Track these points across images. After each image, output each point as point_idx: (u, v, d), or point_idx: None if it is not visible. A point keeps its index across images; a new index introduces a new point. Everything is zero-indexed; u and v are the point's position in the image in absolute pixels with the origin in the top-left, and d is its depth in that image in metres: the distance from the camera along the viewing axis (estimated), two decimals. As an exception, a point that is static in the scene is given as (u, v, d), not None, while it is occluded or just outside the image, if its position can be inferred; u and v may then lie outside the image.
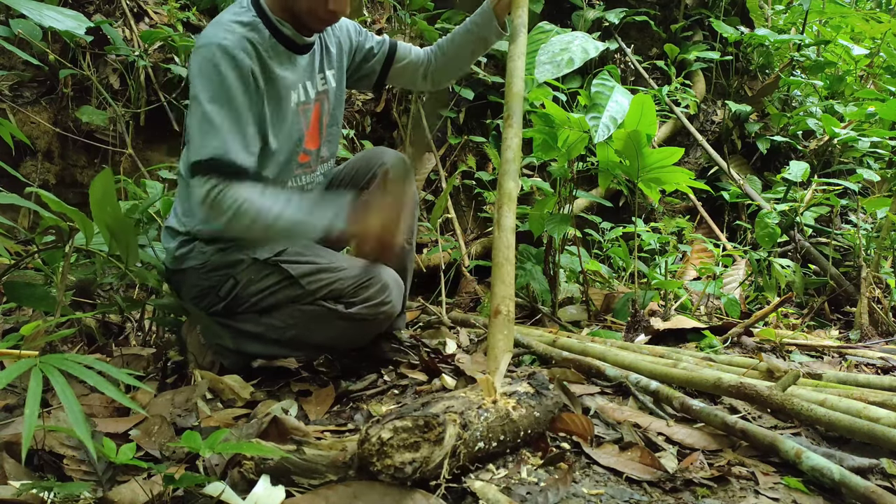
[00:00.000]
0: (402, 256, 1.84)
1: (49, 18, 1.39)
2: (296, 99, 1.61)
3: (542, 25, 2.60)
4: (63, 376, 0.86)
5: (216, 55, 1.44)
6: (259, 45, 1.50)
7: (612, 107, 2.32)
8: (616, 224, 3.33)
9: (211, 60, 1.44)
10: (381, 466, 0.97)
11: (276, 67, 1.54)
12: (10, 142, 1.67)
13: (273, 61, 1.53)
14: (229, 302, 1.61)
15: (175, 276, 1.65)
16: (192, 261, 1.60)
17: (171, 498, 0.96)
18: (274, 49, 1.54)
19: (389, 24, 4.23)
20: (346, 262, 1.61)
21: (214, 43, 1.45)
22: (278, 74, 1.54)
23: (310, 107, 1.66)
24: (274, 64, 1.54)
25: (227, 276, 1.59)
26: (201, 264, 1.59)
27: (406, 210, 1.74)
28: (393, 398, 1.52)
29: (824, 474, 1.10)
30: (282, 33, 1.55)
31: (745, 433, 1.26)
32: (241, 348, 1.63)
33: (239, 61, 1.45)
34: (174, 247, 1.63)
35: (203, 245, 1.59)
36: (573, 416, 1.28)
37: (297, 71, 1.61)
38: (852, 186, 3.26)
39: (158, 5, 3.87)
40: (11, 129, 1.52)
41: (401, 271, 1.87)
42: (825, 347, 2.28)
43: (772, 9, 5.19)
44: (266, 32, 1.53)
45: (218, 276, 1.59)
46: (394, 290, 1.60)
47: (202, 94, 1.44)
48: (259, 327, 1.61)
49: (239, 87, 1.45)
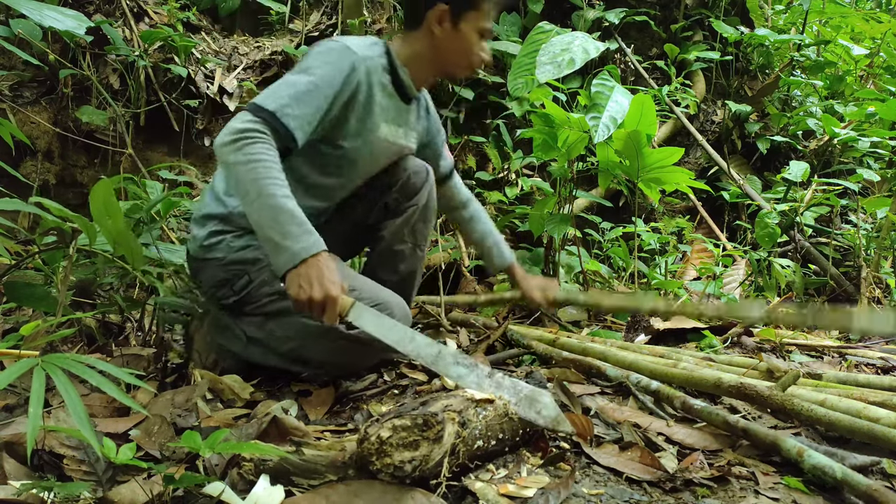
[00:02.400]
0: (413, 260, 1.89)
1: (49, 18, 1.39)
2: (385, 132, 1.69)
3: (542, 25, 2.60)
4: (66, 375, 0.86)
5: (340, 50, 1.53)
6: (377, 74, 1.60)
7: (612, 107, 2.32)
8: (616, 224, 3.34)
9: (332, 50, 1.53)
10: (381, 465, 0.97)
11: (380, 97, 1.63)
12: (10, 142, 1.67)
13: (381, 92, 1.62)
14: (241, 298, 1.61)
15: (197, 264, 1.65)
16: (218, 252, 1.61)
17: (171, 498, 0.97)
18: (386, 82, 1.64)
19: (389, 24, 4.23)
20: (359, 283, 1.60)
21: (345, 43, 1.55)
22: (378, 102, 1.62)
23: (392, 149, 1.75)
24: (381, 94, 1.63)
25: (244, 272, 1.60)
26: (224, 256, 1.60)
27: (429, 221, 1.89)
28: (393, 398, 1.52)
29: (826, 473, 1.10)
30: (399, 77, 1.67)
31: (747, 432, 1.26)
32: (244, 353, 1.62)
33: (354, 66, 1.53)
34: (203, 235, 1.63)
35: (232, 240, 1.60)
36: (573, 415, 1.28)
37: (397, 113, 1.71)
38: (852, 186, 3.26)
39: (158, 5, 3.87)
40: (11, 129, 1.52)
41: (410, 274, 1.90)
42: (825, 347, 2.28)
43: (772, 9, 5.20)
44: (387, 68, 1.64)
45: (235, 270, 1.60)
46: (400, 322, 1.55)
47: (302, 65, 1.53)
48: (261, 333, 1.60)
49: (336, 80, 1.51)
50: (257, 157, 1.38)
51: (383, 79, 1.63)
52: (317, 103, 1.49)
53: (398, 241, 1.86)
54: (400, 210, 1.85)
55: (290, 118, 1.45)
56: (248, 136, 1.40)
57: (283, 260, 1.36)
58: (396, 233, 1.85)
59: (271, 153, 1.41)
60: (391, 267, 1.87)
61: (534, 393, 1.22)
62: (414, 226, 1.86)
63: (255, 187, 1.37)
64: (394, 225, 1.85)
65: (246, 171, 1.38)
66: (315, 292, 1.34)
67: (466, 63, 1.69)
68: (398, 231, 1.85)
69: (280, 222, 1.36)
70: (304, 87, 1.48)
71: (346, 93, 1.53)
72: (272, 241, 1.37)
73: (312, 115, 1.49)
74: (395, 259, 1.86)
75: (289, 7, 4.46)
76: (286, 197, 1.38)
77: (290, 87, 1.47)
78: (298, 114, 1.46)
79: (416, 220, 1.86)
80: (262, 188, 1.37)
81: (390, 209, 1.85)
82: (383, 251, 1.87)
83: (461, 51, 1.66)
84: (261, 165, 1.38)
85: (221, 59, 3.99)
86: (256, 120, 1.42)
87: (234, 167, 1.40)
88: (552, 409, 1.21)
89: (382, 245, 1.87)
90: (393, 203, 1.84)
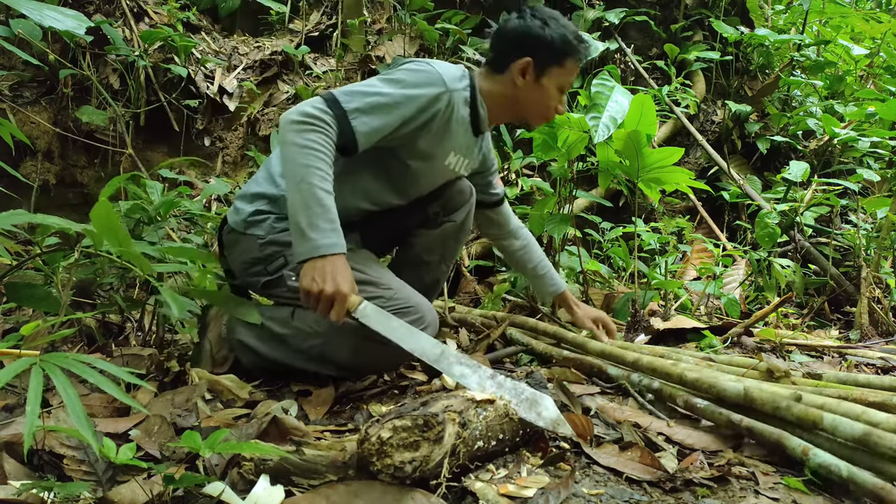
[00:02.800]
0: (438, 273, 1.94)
1: (49, 18, 1.39)
2: (450, 160, 1.72)
3: (542, 25, 2.59)
4: (65, 375, 0.86)
5: (433, 76, 1.55)
6: (458, 106, 1.62)
7: (612, 107, 2.32)
8: (616, 224, 3.33)
9: (426, 73, 1.56)
10: (381, 466, 0.97)
11: (457, 129, 1.65)
12: (10, 142, 1.67)
13: (458, 124, 1.65)
14: (273, 279, 1.62)
15: (235, 236, 1.66)
16: (259, 230, 1.62)
17: (171, 498, 0.97)
18: (465, 114, 1.67)
19: (389, 24, 4.23)
20: (396, 284, 1.60)
21: (437, 69, 1.57)
22: (452, 132, 1.64)
23: (449, 175, 1.79)
24: (457, 126, 1.65)
25: (281, 253, 1.60)
26: (264, 235, 1.61)
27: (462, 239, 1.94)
28: (393, 398, 1.52)
29: (832, 471, 1.10)
30: (478, 112, 1.70)
31: (752, 431, 1.26)
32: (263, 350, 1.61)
33: (439, 96, 1.55)
34: (249, 211, 1.64)
35: (276, 221, 1.61)
36: (573, 415, 1.28)
37: (465, 144, 1.73)
38: (852, 186, 3.26)
39: (158, 5, 3.87)
40: (11, 129, 1.52)
41: (433, 284, 1.95)
42: (825, 347, 2.28)
43: (772, 9, 5.20)
44: (469, 101, 1.67)
45: (272, 251, 1.61)
46: (430, 328, 1.58)
47: (393, 75, 1.55)
48: (286, 329, 1.58)
49: (416, 104, 1.53)
50: (314, 144, 1.41)
51: (462, 111, 1.65)
52: (390, 119, 1.51)
53: (428, 253, 1.90)
54: (438, 223, 1.88)
55: (359, 123, 1.47)
56: (313, 123, 1.43)
57: (304, 248, 1.38)
58: (429, 244, 1.89)
59: (329, 147, 1.44)
60: (417, 275, 1.88)
61: (535, 395, 1.23)
62: (446, 241, 1.90)
63: (301, 172, 1.40)
64: (428, 236, 1.88)
65: (298, 154, 1.41)
66: (327, 286, 1.36)
67: (542, 115, 1.74)
68: (431, 243, 1.89)
69: (313, 212, 1.38)
70: (385, 100, 1.50)
71: (422, 118, 1.55)
72: (299, 227, 1.39)
73: (381, 128, 1.51)
74: (421, 268, 1.90)
75: (289, 7, 4.46)
76: (326, 191, 1.41)
77: (372, 93, 1.50)
78: (368, 121, 1.48)
79: (450, 235, 1.90)
80: (307, 175, 1.39)
81: (429, 219, 1.88)
82: (412, 258, 1.90)
83: (540, 103, 1.71)
84: (314, 154, 1.41)
85: (221, 59, 3.99)
86: (328, 112, 1.45)
87: (289, 146, 1.42)
88: (552, 411, 1.22)
89: (412, 252, 1.90)
90: (433, 214, 1.87)
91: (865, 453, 1.15)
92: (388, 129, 1.52)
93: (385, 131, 1.52)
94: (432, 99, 1.54)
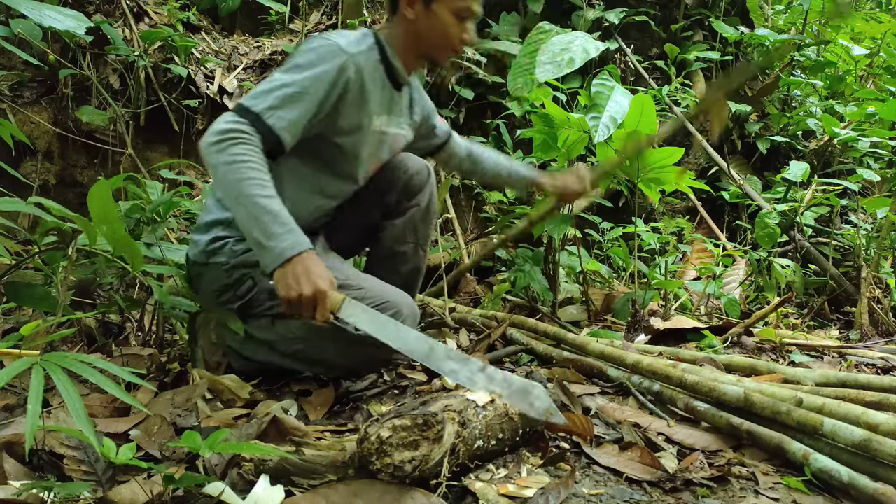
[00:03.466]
0: (416, 260, 1.88)
1: (49, 18, 1.39)
2: (378, 123, 1.67)
3: (542, 25, 2.60)
4: (65, 374, 0.86)
5: (331, 50, 1.50)
6: (369, 69, 1.57)
7: (612, 107, 2.32)
8: (616, 224, 3.33)
9: (324, 49, 1.51)
10: (381, 465, 0.97)
11: (373, 90, 1.60)
12: (10, 142, 1.67)
13: (374, 85, 1.60)
14: (245, 302, 1.60)
15: (198, 269, 1.64)
16: (220, 257, 1.60)
17: (171, 498, 0.96)
18: (379, 74, 1.62)
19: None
20: (367, 283, 1.59)
21: (336, 42, 1.52)
22: (370, 95, 1.60)
23: (387, 139, 1.73)
24: (373, 88, 1.60)
25: (248, 275, 1.59)
26: (227, 261, 1.59)
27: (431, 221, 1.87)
28: (393, 398, 1.52)
29: (832, 476, 1.10)
30: (391, 65, 1.64)
31: (752, 435, 1.26)
32: (252, 355, 1.62)
33: (344, 67, 1.51)
34: (206, 240, 1.62)
35: (235, 244, 1.59)
36: (573, 415, 1.28)
37: (389, 103, 1.69)
38: (852, 186, 3.25)
39: (158, 5, 3.87)
40: (11, 129, 1.52)
41: (413, 274, 1.90)
42: (825, 347, 2.28)
43: (772, 9, 5.19)
44: (378, 58, 1.61)
45: (239, 275, 1.59)
46: (408, 320, 1.57)
47: (292, 62, 1.50)
48: (271, 335, 1.59)
49: (324, 82, 1.48)
50: (239, 157, 1.37)
51: (376, 73, 1.60)
52: (304, 106, 1.47)
53: (400, 242, 1.85)
54: (401, 210, 1.84)
55: (275, 119, 1.44)
56: (231, 137, 1.39)
57: (269, 260, 1.36)
58: (398, 234, 1.84)
59: (256, 154, 1.40)
60: (394, 267, 1.87)
61: (526, 385, 1.21)
62: (416, 226, 1.86)
63: (238, 188, 1.36)
64: (395, 226, 1.84)
65: (228, 171, 1.37)
66: (304, 289, 1.33)
67: (445, 45, 1.63)
68: (400, 232, 1.85)
69: (263, 223, 1.35)
70: (292, 90, 1.46)
71: (335, 94, 1.51)
72: (257, 241, 1.36)
73: (299, 118, 1.47)
74: (397, 260, 1.86)
75: (289, 7, 4.46)
76: (269, 197, 1.37)
77: (277, 87, 1.46)
78: (284, 115, 1.44)
79: (417, 220, 1.85)
80: (244, 189, 1.36)
81: (391, 209, 1.84)
82: (385, 252, 1.86)
83: (438, 33, 1.61)
84: (243, 166, 1.37)
85: (221, 59, 3.99)
86: (242, 121, 1.41)
87: (217, 168, 1.39)
88: (544, 399, 1.20)
89: (384, 245, 1.86)
90: (394, 203, 1.83)
91: (866, 458, 1.15)
92: (306, 115, 1.48)
93: (304, 119, 1.48)
94: (338, 70, 1.49)
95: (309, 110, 1.48)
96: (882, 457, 1.11)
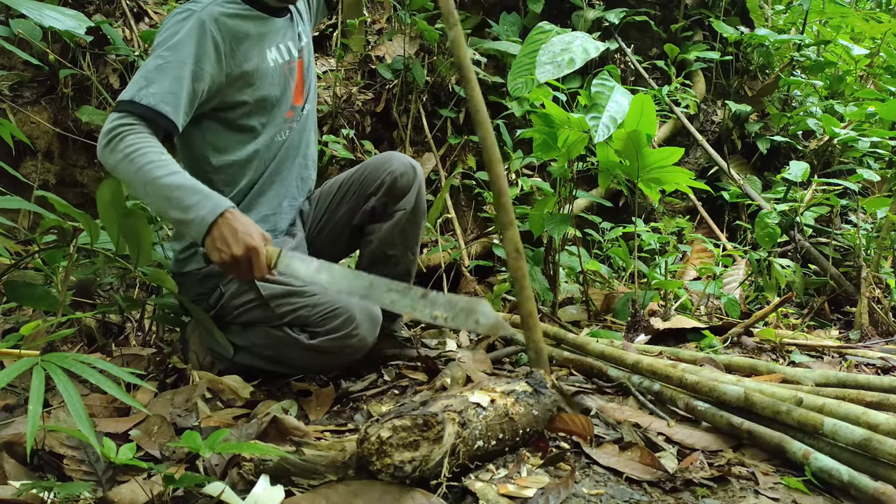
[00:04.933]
0: (406, 263, 1.83)
1: (49, 18, 1.39)
2: (274, 57, 1.63)
3: (542, 25, 2.59)
4: (66, 374, 0.87)
5: (179, 12, 1.49)
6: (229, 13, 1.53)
7: (612, 107, 2.32)
8: (616, 224, 3.33)
9: (173, 17, 1.50)
10: (381, 465, 0.97)
11: (251, 30, 1.57)
12: (10, 142, 1.68)
13: (243, 26, 1.56)
14: (217, 311, 1.63)
15: (178, 279, 1.66)
16: (192, 265, 1.62)
17: (171, 498, 0.97)
18: (249, 13, 1.57)
19: (389, 24, 4.23)
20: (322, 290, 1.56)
21: (184, 7, 1.51)
22: (252, 37, 1.57)
23: (294, 65, 1.70)
24: (244, 28, 1.56)
25: (216, 285, 1.61)
26: (198, 269, 1.61)
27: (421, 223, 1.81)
28: (393, 398, 1.52)
29: (833, 475, 1.10)
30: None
31: (752, 435, 1.26)
32: (234, 358, 1.64)
33: (200, 23, 1.47)
34: (179, 249, 1.64)
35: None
36: (573, 415, 1.28)
37: (274, 32, 1.64)
38: (852, 186, 3.25)
39: (158, 5, 3.87)
40: (11, 129, 1.52)
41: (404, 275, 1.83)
42: (825, 347, 2.28)
43: (772, 9, 5.19)
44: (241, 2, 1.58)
45: (210, 285, 1.62)
46: (363, 324, 1.55)
47: (159, 45, 1.48)
48: (245, 341, 1.63)
49: (189, 46, 1.46)
50: (130, 148, 1.36)
51: (240, 12, 1.56)
52: (174, 73, 1.44)
53: (389, 247, 1.79)
54: (388, 214, 1.77)
55: (147, 95, 1.41)
56: (117, 134, 1.38)
57: (194, 231, 1.34)
58: (386, 238, 1.78)
59: (145, 140, 1.38)
60: (384, 271, 1.83)
61: (470, 303, 1.17)
62: (403, 229, 1.78)
63: (140, 179, 1.35)
64: (383, 229, 1.78)
65: (126, 167, 1.36)
66: (235, 249, 1.31)
67: None
68: (388, 236, 1.77)
69: (176, 199, 1.34)
70: (154, 64, 1.44)
71: (206, 51, 1.48)
72: (179, 220, 1.35)
73: (173, 86, 1.44)
74: (387, 264, 1.80)
75: (289, 7, 4.45)
76: (172, 174, 1.36)
77: (145, 69, 1.45)
78: (156, 90, 1.42)
79: (405, 223, 1.77)
80: (145, 176, 1.35)
81: (377, 212, 1.78)
82: (375, 255, 1.80)
83: None
84: (136, 154, 1.36)
85: (221, 59, 3.99)
86: (120, 115, 1.40)
87: (116, 168, 1.38)
88: (490, 315, 1.15)
89: (373, 249, 1.80)
90: (380, 206, 1.76)
91: (866, 458, 1.15)
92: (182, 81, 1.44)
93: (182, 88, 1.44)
94: (196, 30, 1.46)
95: (182, 76, 1.45)
96: (882, 456, 1.11)
